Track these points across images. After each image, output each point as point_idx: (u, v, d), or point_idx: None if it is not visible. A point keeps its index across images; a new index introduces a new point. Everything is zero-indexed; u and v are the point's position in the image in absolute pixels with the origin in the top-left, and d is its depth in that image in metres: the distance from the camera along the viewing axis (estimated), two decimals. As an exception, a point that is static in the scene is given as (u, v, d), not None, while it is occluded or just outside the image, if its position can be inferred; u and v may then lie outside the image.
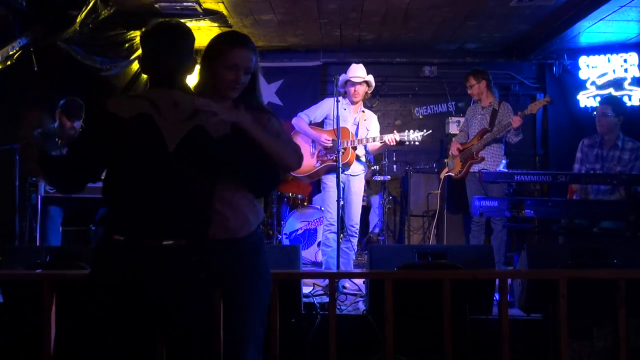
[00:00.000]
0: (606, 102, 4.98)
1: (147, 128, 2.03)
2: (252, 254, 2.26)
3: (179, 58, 2.14)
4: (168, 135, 2.03)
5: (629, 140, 4.84)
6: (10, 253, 3.61)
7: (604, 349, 3.40)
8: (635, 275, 3.09)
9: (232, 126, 2.09)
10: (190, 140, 2.05)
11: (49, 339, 2.96)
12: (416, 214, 6.69)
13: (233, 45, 2.25)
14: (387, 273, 3.25)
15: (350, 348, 3.54)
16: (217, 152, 2.09)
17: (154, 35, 2.15)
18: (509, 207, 4.15)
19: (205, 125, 2.06)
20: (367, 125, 4.98)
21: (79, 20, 5.20)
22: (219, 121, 2.06)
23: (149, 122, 2.03)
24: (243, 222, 2.23)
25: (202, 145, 2.06)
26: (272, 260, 3.47)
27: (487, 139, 5.24)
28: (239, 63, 2.23)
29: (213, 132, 2.07)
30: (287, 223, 6.09)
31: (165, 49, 2.12)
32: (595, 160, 4.89)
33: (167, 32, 2.16)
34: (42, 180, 4.54)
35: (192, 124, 2.05)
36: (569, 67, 7.29)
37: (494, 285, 3.45)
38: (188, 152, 2.05)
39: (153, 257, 1.99)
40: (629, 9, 5.55)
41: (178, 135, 2.03)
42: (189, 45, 2.17)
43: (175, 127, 2.04)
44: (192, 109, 2.06)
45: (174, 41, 2.14)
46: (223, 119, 2.06)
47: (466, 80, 5.49)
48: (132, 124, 2.03)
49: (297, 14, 6.08)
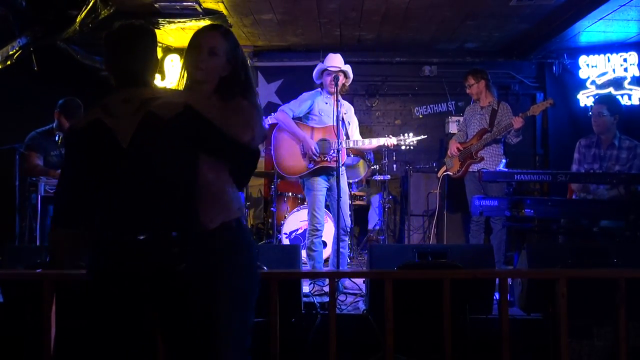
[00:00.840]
0: (601, 101, 4.96)
1: (99, 133, 2.06)
2: (227, 244, 2.16)
3: (136, 57, 2.18)
4: (120, 133, 2.04)
5: (626, 139, 4.85)
6: (10, 253, 3.61)
7: (603, 348, 3.40)
8: (635, 275, 3.09)
9: (185, 105, 2.09)
10: (144, 129, 2.05)
11: (49, 339, 2.96)
12: (416, 214, 6.69)
13: (200, 30, 2.35)
14: (387, 272, 3.25)
15: (350, 347, 3.54)
16: (170, 132, 2.06)
17: (113, 37, 2.21)
18: (508, 207, 4.15)
19: (155, 110, 2.06)
20: (348, 119, 4.86)
21: (78, 20, 5.20)
22: (167, 103, 2.07)
23: (100, 127, 2.06)
24: (218, 211, 2.16)
25: (154, 129, 2.06)
26: (272, 260, 3.50)
27: (486, 139, 5.24)
28: (202, 42, 2.27)
29: (163, 114, 2.06)
30: (286, 223, 6.09)
31: (122, 49, 2.18)
32: (593, 160, 4.89)
33: (124, 33, 2.21)
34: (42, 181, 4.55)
35: (142, 112, 2.06)
36: (569, 67, 7.29)
37: (493, 285, 3.45)
38: (144, 143, 2.05)
39: (131, 252, 2.02)
40: (628, 8, 5.55)
41: (130, 130, 2.04)
42: (148, 44, 2.23)
43: (126, 122, 2.06)
44: (141, 99, 2.09)
45: (131, 41, 2.19)
46: (170, 100, 2.09)
47: (465, 79, 5.50)
48: (86, 133, 2.10)
49: (297, 13, 6.08)
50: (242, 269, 2.18)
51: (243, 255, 2.20)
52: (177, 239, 2.04)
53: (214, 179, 2.17)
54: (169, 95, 2.16)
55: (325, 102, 4.76)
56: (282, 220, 6.19)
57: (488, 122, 5.31)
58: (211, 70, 2.27)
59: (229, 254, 2.15)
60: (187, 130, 2.08)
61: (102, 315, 2.07)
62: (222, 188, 2.20)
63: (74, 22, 5.21)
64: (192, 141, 2.10)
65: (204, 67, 2.27)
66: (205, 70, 2.27)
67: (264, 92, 7.54)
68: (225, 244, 2.15)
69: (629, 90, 6.79)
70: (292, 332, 3.53)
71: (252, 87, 2.34)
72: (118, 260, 2.02)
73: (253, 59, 7.43)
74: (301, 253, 3.64)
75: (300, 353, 3.57)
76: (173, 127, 2.06)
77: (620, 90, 6.81)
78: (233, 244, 2.17)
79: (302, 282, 3.73)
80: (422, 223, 6.66)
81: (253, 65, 7.44)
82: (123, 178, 2.06)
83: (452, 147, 5.48)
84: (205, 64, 2.26)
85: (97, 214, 2.09)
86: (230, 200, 2.21)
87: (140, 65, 2.19)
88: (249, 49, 7.29)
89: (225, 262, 2.14)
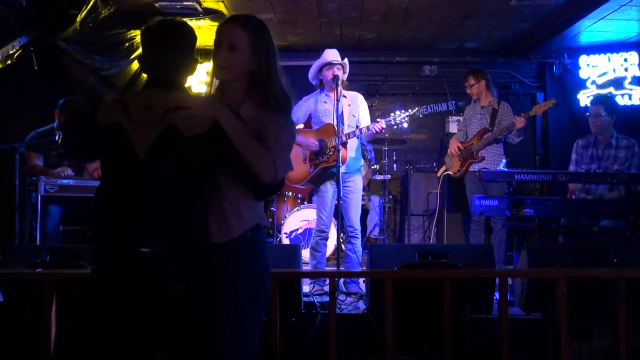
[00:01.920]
0: (598, 102, 4.96)
1: (117, 136, 1.99)
2: (233, 260, 2.03)
3: (174, 57, 2.08)
4: (138, 143, 1.96)
5: (623, 138, 4.86)
6: (10, 252, 3.61)
7: (603, 347, 3.40)
8: (635, 275, 3.09)
9: (212, 123, 1.93)
10: (162, 143, 1.95)
11: (49, 339, 2.96)
12: (416, 213, 6.69)
13: (221, 24, 2.15)
14: (387, 272, 3.25)
15: (351, 347, 3.54)
16: (189, 151, 1.95)
17: (152, 32, 2.11)
18: (508, 206, 4.15)
19: (178, 124, 1.95)
20: (353, 111, 4.61)
21: (79, 20, 5.20)
22: (193, 117, 1.92)
23: (119, 130, 1.98)
24: (224, 227, 2.03)
25: (173, 145, 1.95)
26: (272, 260, 3.48)
27: (487, 139, 5.24)
28: (221, 39, 2.09)
29: (186, 130, 1.94)
30: (287, 222, 6.09)
31: (157, 46, 2.08)
32: (591, 161, 4.90)
33: (165, 30, 2.11)
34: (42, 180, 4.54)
35: (164, 125, 1.96)
36: (569, 66, 7.29)
37: (494, 285, 3.45)
38: (161, 157, 1.96)
39: (131, 263, 1.95)
40: (629, 8, 5.55)
41: (148, 141, 1.96)
42: (187, 44, 2.11)
43: (146, 132, 1.96)
44: (165, 108, 1.97)
45: (171, 39, 2.08)
46: (196, 113, 1.93)
47: (465, 79, 5.50)
48: (106, 132, 2.02)
49: (297, 13, 6.08)
50: (250, 283, 2.06)
51: (253, 268, 2.08)
52: (179, 256, 1.97)
53: (228, 192, 2.04)
54: (197, 106, 1.97)
55: (325, 101, 4.59)
56: (282, 220, 6.19)
57: (489, 121, 5.31)
58: (234, 66, 2.09)
59: (237, 269, 2.04)
60: (208, 151, 1.96)
61: (101, 319, 2.02)
62: (239, 201, 2.06)
63: (74, 22, 5.21)
64: (212, 162, 1.99)
65: (226, 64, 2.09)
66: (227, 68, 2.09)
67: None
68: (234, 258, 2.04)
69: (630, 90, 6.79)
70: (292, 331, 3.53)
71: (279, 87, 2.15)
72: (118, 268, 1.97)
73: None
74: (301, 253, 3.63)
75: (300, 353, 3.57)
76: (194, 146, 1.94)
77: (620, 90, 6.81)
78: (240, 255, 2.05)
79: (302, 281, 3.73)
80: (422, 223, 6.66)
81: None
82: (135, 187, 1.98)
83: (453, 147, 5.48)
84: (226, 61, 2.08)
85: (103, 215, 2.03)
86: (248, 212, 2.07)
87: (173, 65, 2.08)
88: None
89: (233, 278, 2.03)
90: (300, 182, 4.67)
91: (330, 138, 4.46)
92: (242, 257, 2.05)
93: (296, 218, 6.11)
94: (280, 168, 2.00)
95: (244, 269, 2.05)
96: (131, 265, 1.95)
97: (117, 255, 1.98)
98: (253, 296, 2.07)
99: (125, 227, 1.97)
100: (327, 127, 4.52)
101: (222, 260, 2.03)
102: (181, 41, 2.11)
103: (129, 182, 2.00)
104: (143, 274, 1.94)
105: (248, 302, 2.04)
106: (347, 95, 4.61)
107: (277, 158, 2.00)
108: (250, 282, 2.06)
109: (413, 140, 7.73)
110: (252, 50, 2.10)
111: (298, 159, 4.60)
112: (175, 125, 1.95)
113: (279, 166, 1.99)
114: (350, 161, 4.51)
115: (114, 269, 1.98)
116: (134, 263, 1.94)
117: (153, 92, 2.05)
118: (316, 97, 4.65)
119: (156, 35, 2.10)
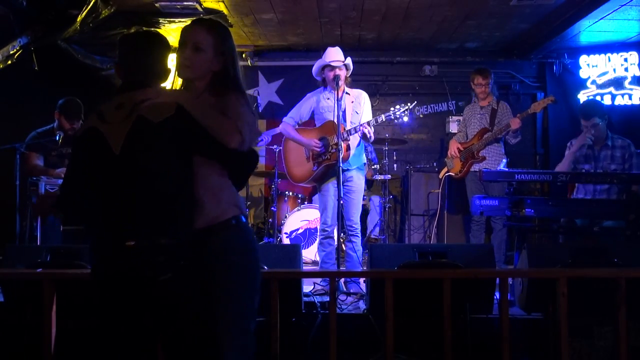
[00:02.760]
0: (590, 112, 4.80)
1: (94, 140, 2.08)
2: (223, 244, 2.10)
3: (146, 63, 2.18)
4: (112, 140, 2.05)
5: (618, 138, 4.88)
6: (10, 252, 3.61)
7: (604, 347, 3.40)
8: (635, 275, 3.09)
9: (177, 107, 2.03)
10: (135, 136, 2.04)
11: (49, 339, 2.96)
12: (416, 213, 6.69)
13: (186, 26, 2.27)
14: (388, 272, 3.25)
15: (351, 347, 3.54)
16: (160, 136, 2.03)
17: (127, 40, 2.25)
18: (509, 206, 4.15)
19: (145, 113, 2.04)
20: (356, 108, 4.58)
21: (79, 20, 5.20)
22: (158, 104, 2.03)
23: (95, 134, 2.08)
24: (215, 209, 2.11)
25: (144, 134, 2.03)
26: (272, 260, 3.50)
27: (487, 139, 5.24)
28: (186, 39, 2.21)
29: (154, 118, 2.03)
30: (287, 222, 6.10)
31: (134, 53, 2.19)
32: (585, 161, 4.90)
33: (139, 38, 2.26)
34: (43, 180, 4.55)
35: (133, 118, 2.05)
36: (570, 66, 7.29)
37: (494, 284, 3.45)
38: (136, 148, 2.04)
39: (120, 257, 2.01)
40: (629, 8, 5.55)
41: (122, 136, 2.04)
42: (159, 53, 2.23)
43: (119, 128, 2.06)
44: (132, 103, 2.07)
45: (143, 47, 2.20)
46: (161, 100, 2.04)
47: (474, 78, 5.42)
48: (83, 141, 2.14)
49: (298, 13, 6.08)
50: (240, 270, 2.13)
51: (241, 256, 2.14)
52: (166, 247, 2.01)
53: (209, 178, 2.12)
54: (160, 96, 2.10)
55: (327, 98, 4.56)
56: (282, 220, 6.19)
57: (488, 121, 5.31)
58: (198, 66, 2.20)
59: (225, 254, 2.10)
60: (178, 133, 2.04)
61: (104, 314, 2.09)
62: (219, 186, 2.15)
63: (75, 22, 5.21)
64: (184, 144, 2.07)
65: (189, 63, 2.20)
66: (191, 67, 2.20)
67: (264, 92, 7.55)
68: (222, 243, 2.10)
69: (630, 90, 6.79)
70: (292, 331, 3.54)
71: (241, 83, 2.26)
72: (111, 263, 2.03)
73: (254, 59, 7.43)
74: (301, 253, 3.63)
75: (300, 353, 3.57)
76: (163, 131, 2.03)
77: (620, 90, 6.81)
78: (230, 243, 2.12)
79: (303, 281, 3.73)
80: (422, 223, 6.66)
81: (254, 64, 7.45)
82: (115, 184, 2.06)
83: (453, 148, 5.47)
84: (190, 60, 2.20)
85: (96, 217, 2.10)
86: (228, 198, 2.15)
87: (146, 70, 2.19)
88: (250, 49, 7.29)
89: (221, 264, 2.09)
90: (305, 181, 4.72)
91: (332, 136, 4.47)
92: (228, 243, 2.11)
93: (296, 218, 6.11)
94: (245, 133, 2.07)
95: (231, 256, 2.11)
96: (119, 259, 2.01)
97: (106, 251, 2.05)
98: (243, 282, 2.11)
99: (111, 223, 2.04)
100: (328, 125, 4.51)
101: (208, 247, 2.09)
102: (154, 49, 2.22)
103: (109, 179, 2.07)
104: (130, 267, 2.00)
105: (238, 287, 2.10)
106: (350, 93, 4.60)
107: (241, 125, 2.07)
108: (238, 268, 2.12)
109: (413, 140, 7.74)
110: (215, 51, 2.21)
111: (302, 158, 4.67)
112: (142, 116, 2.04)
113: (243, 130, 2.07)
114: (352, 158, 4.50)
115: (105, 264, 2.05)
116: (121, 257, 2.00)
117: (124, 94, 2.14)
118: (319, 94, 4.66)
119: (131, 44, 2.23)
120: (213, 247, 2.09)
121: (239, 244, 2.14)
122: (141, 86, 2.15)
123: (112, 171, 2.06)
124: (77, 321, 3.21)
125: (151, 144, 2.04)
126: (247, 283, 2.13)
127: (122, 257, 2.00)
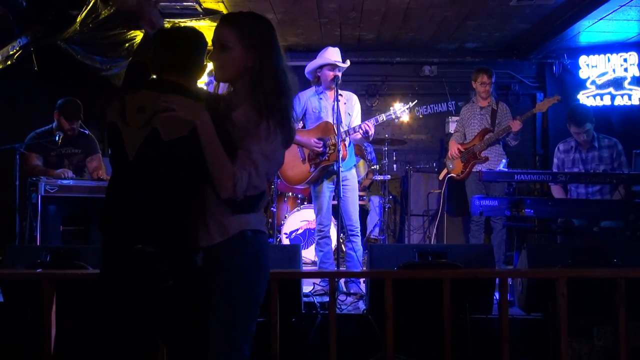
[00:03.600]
0: (583, 119, 4.78)
1: (114, 137, 2.06)
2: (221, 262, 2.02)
3: (176, 59, 2.11)
4: (128, 145, 2.02)
5: (604, 138, 4.89)
6: (10, 253, 3.61)
7: (603, 348, 3.40)
8: (635, 275, 3.09)
9: (192, 128, 1.92)
10: (148, 146, 2.00)
11: (49, 339, 2.96)
12: (416, 214, 6.69)
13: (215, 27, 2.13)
14: (387, 272, 3.25)
15: (351, 347, 3.54)
16: (171, 153, 1.98)
17: (160, 35, 2.19)
18: (508, 207, 4.15)
19: (159, 128, 1.98)
20: (348, 110, 4.54)
21: (79, 20, 5.21)
22: (174, 121, 1.92)
23: (115, 132, 2.06)
24: (205, 232, 2.03)
25: (157, 148, 1.99)
26: (272, 260, 3.48)
27: (489, 139, 5.23)
28: (214, 40, 2.07)
29: (164, 135, 1.97)
30: (287, 222, 6.09)
31: (164, 49, 2.13)
32: (574, 164, 4.91)
33: (171, 34, 2.18)
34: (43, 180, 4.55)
35: (149, 127, 2.00)
36: (569, 67, 7.30)
37: (494, 285, 3.45)
38: (148, 159, 2.01)
39: (126, 260, 2.00)
40: (628, 8, 5.56)
41: (137, 143, 2.01)
42: (192, 48, 2.14)
43: (135, 134, 2.02)
44: (153, 110, 1.99)
45: (174, 43, 2.13)
46: (179, 115, 1.91)
47: (477, 77, 5.36)
48: (108, 132, 2.11)
49: (297, 13, 6.09)
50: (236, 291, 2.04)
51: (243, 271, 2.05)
52: (170, 255, 2.00)
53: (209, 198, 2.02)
54: (183, 108, 1.95)
55: (320, 98, 4.50)
56: (282, 220, 6.19)
57: (489, 122, 5.31)
58: (227, 66, 2.06)
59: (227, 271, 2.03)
60: (188, 155, 1.97)
61: (107, 315, 2.09)
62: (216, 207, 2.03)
63: (75, 22, 5.22)
64: (192, 166, 1.99)
65: (219, 64, 2.06)
66: (222, 68, 2.07)
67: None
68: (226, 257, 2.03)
69: (629, 90, 6.80)
70: (292, 332, 3.54)
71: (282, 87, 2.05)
72: (117, 266, 2.03)
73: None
74: (301, 253, 3.63)
75: (300, 353, 3.57)
76: (174, 149, 1.98)
77: (620, 90, 6.82)
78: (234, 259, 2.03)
79: (303, 281, 3.73)
80: (422, 223, 6.66)
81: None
82: (127, 187, 2.04)
83: (453, 149, 5.43)
84: (219, 61, 2.06)
85: (104, 213, 2.08)
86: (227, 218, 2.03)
87: (174, 67, 2.11)
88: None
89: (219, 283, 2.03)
90: (302, 183, 4.63)
91: (330, 136, 4.43)
92: (230, 260, 2.02)
93: (296, 218, 6.10)
94: (241, 185, 1.92)
95: (234, 272, 2.03)
96: (125, 261, 2.00)
97: (114, 252, 2.04)
98: (243, 298, 2.04)
99: (120, 225, 2.03)
100: (325, 126, 4.48)
101: (210, 261, 2.05)
102: (185, 45, 2.13)
103: (122, 182, 2.06)
104: (134, 271, 1.99)
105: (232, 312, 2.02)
106: (342, 94, 4.53)
107: (241, 174, 1.93)
108: (240, 286, 2.03)
109: (413, 140, 7.74)
110: (242, 45, 2.03)
111: (296, 160, 4.56)
112: (156, 129, 1.99)
113: (239, 182, 1.92)
114: (348, 159, 4.49)
115: (112, 265, 2.04)
116: (127, 260, 1.99)
117: (148, 93, 2.07)
118: (309, 95, 4.58)
119: (162, 39, 2.16)
120: (216, 261, 2.04)
121: (243, 261, 2.04)
122: (170, 87, 2.06)
123: (126, 174, 2.05)
124: (77, 321, 3.21)
125: (162, 158, 2.00)
126: (244, 305, 2.04)
127: (127, 260, 1.99)
